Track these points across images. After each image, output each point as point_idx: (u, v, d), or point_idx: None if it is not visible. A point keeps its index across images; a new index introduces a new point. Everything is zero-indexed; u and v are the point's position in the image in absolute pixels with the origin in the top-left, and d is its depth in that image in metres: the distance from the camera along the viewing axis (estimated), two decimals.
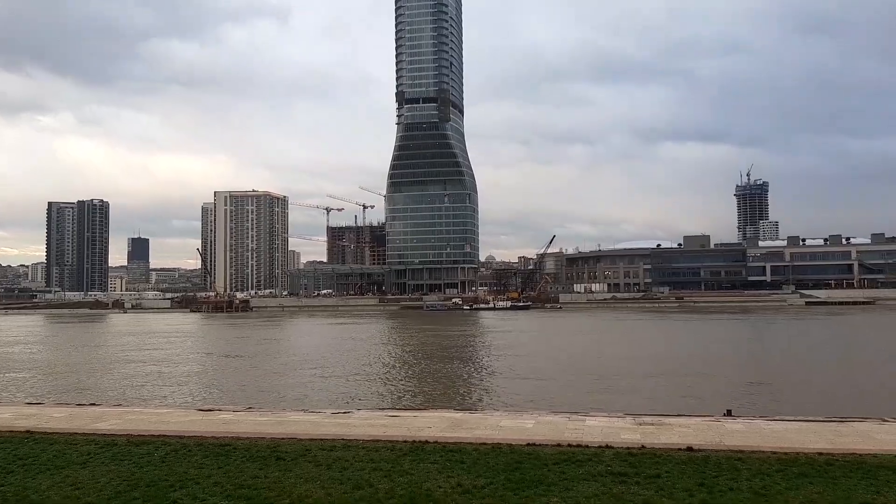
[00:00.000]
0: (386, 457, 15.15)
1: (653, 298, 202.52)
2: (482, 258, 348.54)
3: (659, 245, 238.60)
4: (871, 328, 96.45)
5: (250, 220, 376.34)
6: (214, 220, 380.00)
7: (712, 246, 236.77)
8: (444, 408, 27.61)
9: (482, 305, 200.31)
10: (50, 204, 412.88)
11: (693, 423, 18.58)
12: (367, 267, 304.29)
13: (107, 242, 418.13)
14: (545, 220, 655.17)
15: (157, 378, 48.87)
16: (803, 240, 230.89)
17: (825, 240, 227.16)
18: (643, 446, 15.66)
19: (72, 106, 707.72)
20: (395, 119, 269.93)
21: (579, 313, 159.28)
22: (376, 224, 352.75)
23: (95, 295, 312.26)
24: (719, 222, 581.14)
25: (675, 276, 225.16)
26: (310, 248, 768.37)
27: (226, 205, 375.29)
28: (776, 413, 23.33)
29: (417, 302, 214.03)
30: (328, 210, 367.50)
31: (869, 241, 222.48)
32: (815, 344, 73.17)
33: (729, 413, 21.11)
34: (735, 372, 48.59)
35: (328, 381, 46.11)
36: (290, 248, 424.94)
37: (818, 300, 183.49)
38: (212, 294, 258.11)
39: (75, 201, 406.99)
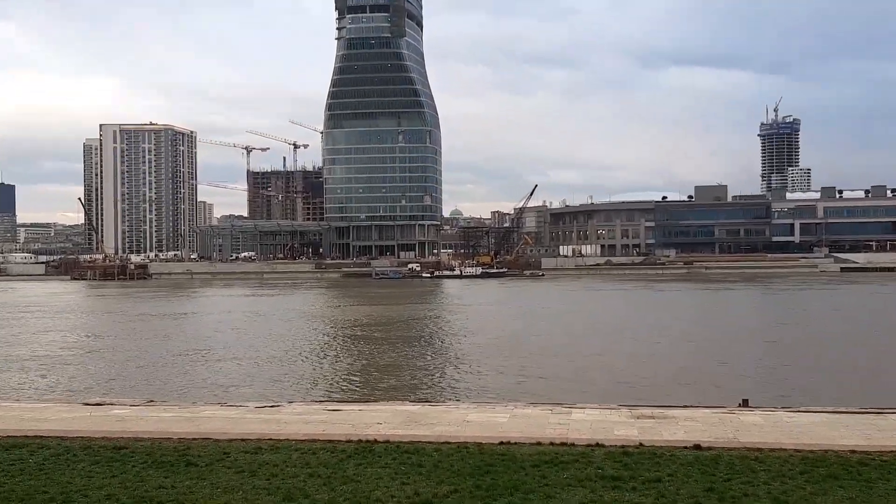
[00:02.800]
0: (325, 460, 15.29)
1: (655, 264, 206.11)
2: (446, 213, 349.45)
3: (664, 198, 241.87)
4: None
5: (148, 161, 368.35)
6: (101, 161, 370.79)
7: (729, 198, 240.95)
8: (398, 399, 27.90)
9: (446, 272, 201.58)
10: None
11: (701, 416, 19.15)
12: (299, 223, 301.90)
13: None
14: (524, 165, 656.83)
15: (30, 365, 48.10)
16: (840, 191, 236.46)
17: (866, 191, 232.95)
18: (641, 444, 16.11)
19: None
20: (335, 33, 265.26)
21: (566, 282, 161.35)
22: (311, 168, 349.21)
23: None
24: (738, 169, 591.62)
25: (684, 235, 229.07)
26: (226, 199, 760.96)
27: (115, 142, 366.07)
28: (801, 403, 24.19)
29: (364, 268, 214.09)
30: (249, 150, 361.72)
31: None
32: (850, 321, 75.58)
33: (745, 403, 21.79)
34: (753, 354, 50.04)
35: (251, 367, 46.01)
36: (199, 199, 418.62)
37: (856, 266, 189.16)
38: (99, 257, 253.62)
39: None
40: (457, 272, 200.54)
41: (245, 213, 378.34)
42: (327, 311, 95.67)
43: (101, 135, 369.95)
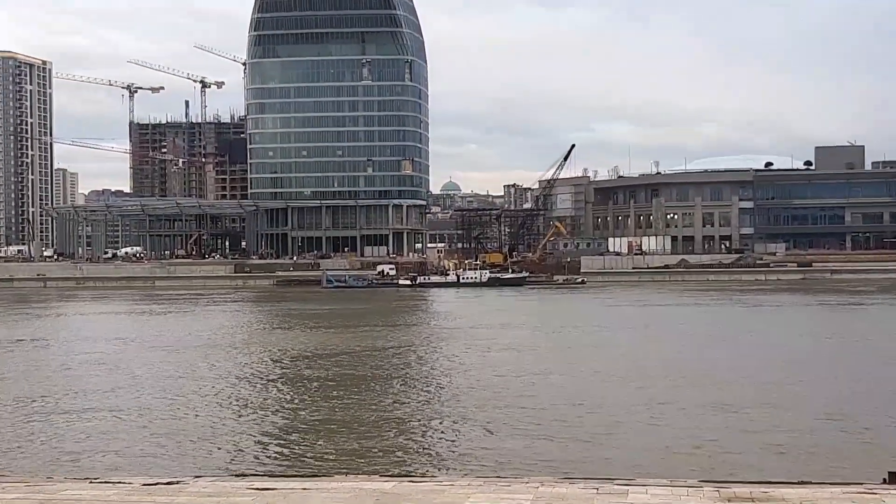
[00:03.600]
0: None
1: (755, 265, 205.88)
2: (436, 188, 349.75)
3: (769, 164, 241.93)
4: None
5: None
6: None
7: (868, 166, 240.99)
8: (361, 472, 27.84)
9: (436, 278, 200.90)
10: None
11: (825, 498, 19.12)
12: (210, 203, 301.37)
13: None
14: (556, 115, 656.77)
15: None
16: None
17: None
18: None
19: None
20: None
21: (618, 293, 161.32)
22: (229, 119, 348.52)
23: None
24: (881, 123, 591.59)
25: (799, 222, 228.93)
26: (98, 166, 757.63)
27: None
28: None
29: (310, 271, 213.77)
30: (132, 90, 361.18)
31: None
32: None
33: (892, 478, 21.78)
34: None
35: (134, 422, 45.93)
36: (57, 165, 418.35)
37: None
38: None
39: None
40: (452, 278, 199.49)
41: (127, 188, 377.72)
42: (252, 337, 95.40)
43: None
